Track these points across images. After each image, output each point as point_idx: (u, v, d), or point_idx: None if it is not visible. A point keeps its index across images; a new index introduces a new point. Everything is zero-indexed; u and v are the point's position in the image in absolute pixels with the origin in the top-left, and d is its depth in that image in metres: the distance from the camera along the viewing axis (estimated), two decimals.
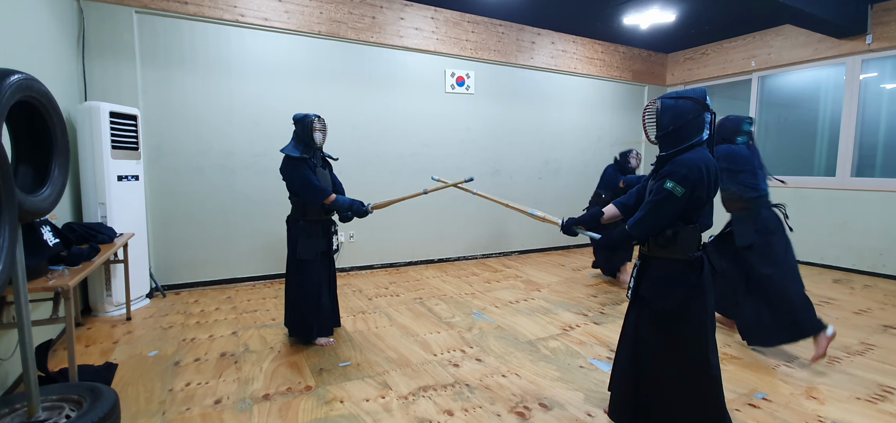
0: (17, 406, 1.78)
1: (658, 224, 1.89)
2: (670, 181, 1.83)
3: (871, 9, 5.22)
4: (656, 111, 1.95)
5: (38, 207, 1.75)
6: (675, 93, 1.94)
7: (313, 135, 3.00)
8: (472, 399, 2.45)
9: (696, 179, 1.82)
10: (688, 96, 1.90)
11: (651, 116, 1.98)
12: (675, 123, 1.89)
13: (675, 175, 1.83)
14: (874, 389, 2.60)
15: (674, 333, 1.92)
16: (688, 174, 1.82)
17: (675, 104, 1.90)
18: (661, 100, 1.94)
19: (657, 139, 1.96)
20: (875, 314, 3.94)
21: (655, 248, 1.96)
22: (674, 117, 1.90)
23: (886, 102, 5.36)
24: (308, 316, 3.05)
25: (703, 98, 1.90)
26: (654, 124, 1.96)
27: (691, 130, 1.88)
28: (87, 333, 3.36)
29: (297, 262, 3.04)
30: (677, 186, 1.82)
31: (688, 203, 1.85)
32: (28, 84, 1.64)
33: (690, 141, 1.88)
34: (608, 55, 6.98)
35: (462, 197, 5.99)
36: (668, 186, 1.83)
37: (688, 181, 1.81)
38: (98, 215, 3.59)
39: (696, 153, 1.86)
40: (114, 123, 3.63)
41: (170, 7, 4.23)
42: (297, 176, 2.97)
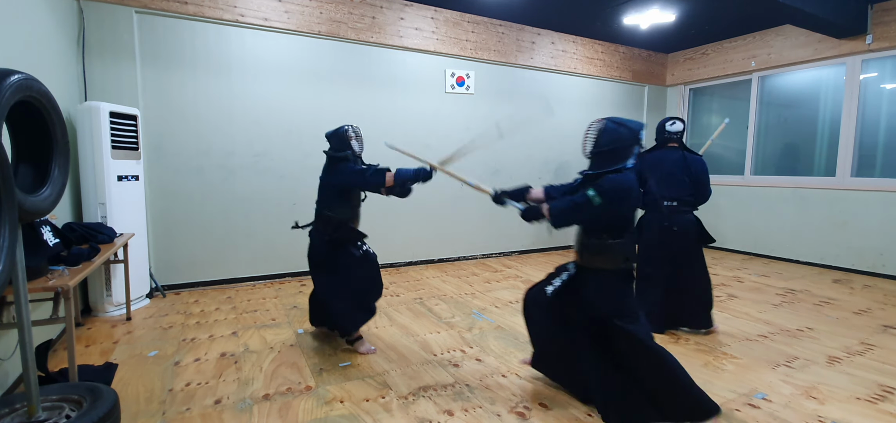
0: (17, 406, 1.78)
1: (571, 221, 2.23)
2: (592, 190, 2.09)
3: (871, 9, 5.22)
4: (598, 130, 2.20)
5: (38, 207, 1.75)
6: (618, 119, 2.21)
7: (351, 144, 2.92)
8: (472, 399, 2.45)
9: (615, 197, 2.08)
10: (628, 125, 2.18)
11: (592, 133, 2.23)
12: (611, 146, 2.15)
13: (598, 187, 2.10)
14: (874, 389, 2.60)
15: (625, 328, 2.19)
16: (609, 190, 2.08)
17: (615, 129, 2.16)
18: (607, 121, 2.20)
19: (591, 155, 2.22)
20: (875, 314, 3.94)
21: (589, 258, 2.26)
22: (611, 140, 2.15)
23: (886, 102, 5.36)
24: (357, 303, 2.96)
25: (638, 131, 2.18)
26: (594, 140, 2.21)
27: (622, 156, 2.14)
28: (87, 333, 3.36)
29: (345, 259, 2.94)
30: (597, 196, 2.08)
31: (608, 216, 2.12)
32: (28, 84, 1.64)
33: (617, 165, 2.13)
34: (608, 55, 6.98)
35: (462, 197, 5.99)
36: (590, 193, 2.09)
37: (606, 195, 2.07)
38: (98, 215, 3.59)
39: (623, 175, 2.12)
40: (114, 123, 3.63)
41: (170, 7, 4.23)
42: (349, 172, 2.87)
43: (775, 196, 6.23)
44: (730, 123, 4.87)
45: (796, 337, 3.37)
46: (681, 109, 7.58)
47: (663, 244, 3.30)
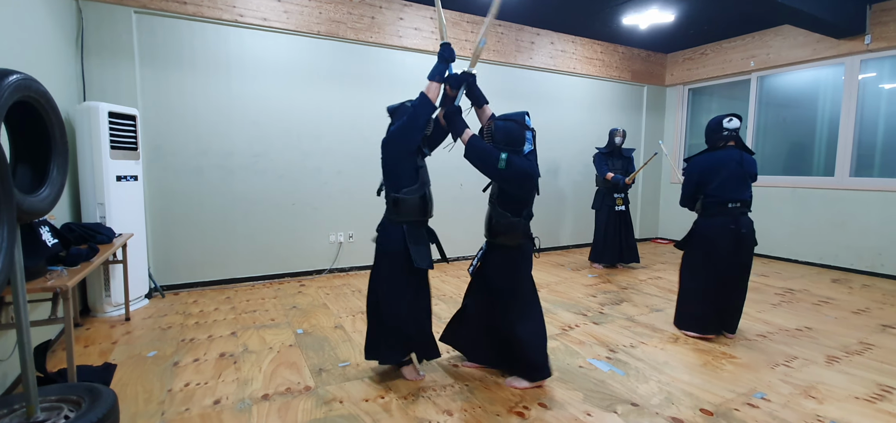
0: (15, 407, 1.77)
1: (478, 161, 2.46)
2: (505, 154, 2.38)
3: (870, 9, 5.23)
4: (491, 131, 2.52)
5: (36, 207, 1.75)
6: (504, 116, 2.56)
7: None
8: (471, 399, 2.44)
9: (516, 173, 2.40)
10: (513, 119, 2.52)
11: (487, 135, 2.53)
12: (505, 138, 2.47)
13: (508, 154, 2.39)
14: (873, 388, 2.61)
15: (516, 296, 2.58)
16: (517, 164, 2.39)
17: (504, 125, 2.50)
18: (495, 121, 2.55)
19: None
20: (874, 314, 3.94)
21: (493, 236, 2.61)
22: (504, 134, 2.48)
23: (885, 102, 5.37)
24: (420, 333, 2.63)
25: (522, 120, 2.52)
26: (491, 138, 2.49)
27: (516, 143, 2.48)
28: (86, 333, 3.36)
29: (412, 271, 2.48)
30: (504, 160, 2.37)
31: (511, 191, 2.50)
32: (26, 84, 1.63)
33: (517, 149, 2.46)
34: (607, 55, 6.99)
35: (461, 198, 5.99)
36: (503, 155, 2.38)
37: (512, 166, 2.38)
38: (97, 216, 3.58)
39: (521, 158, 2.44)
40: (112, 123, 3.62)
41: (169, 7, 4.22)
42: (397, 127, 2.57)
43: (774, 196, 6.24)
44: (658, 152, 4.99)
45: (795, 337, 3.38)
46: (680, 110, 7.59)
47: (736, 250, 3.17)
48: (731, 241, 3.16)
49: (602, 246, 5.59)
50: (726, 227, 3.16)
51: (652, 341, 3.28)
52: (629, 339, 3.31)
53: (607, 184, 5.48)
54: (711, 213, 3.23)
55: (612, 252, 5.56)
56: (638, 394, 2.51)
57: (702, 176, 3.24)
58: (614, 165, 5.55)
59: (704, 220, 3.28)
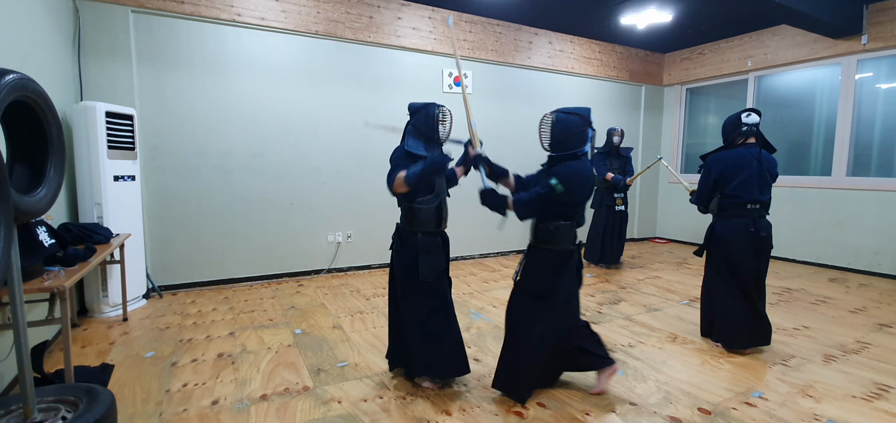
0: (12, 408, 1.77)
1: (537, 210, 2.32)
2: (555, 179, 2.21)
3: (867, 9, 5.25)
4: (551, 122, 2.33)
5: (33, 207, 1.74)
6: (566, 109, 2.35)
7: (437, 128, 2.52)
8: (469, 399, 2.45)
9: (576, 184, 2.22)
10: (577, 113, 2.32)
11: (545, 127, 2.35)
12: (564, 134, 2.30)
13: (560, 175, 2.22)
14: (870, 387, 2.62)
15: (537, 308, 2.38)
16: (570, 177, 2.21)
17: (565, 118, 2.31)
18: (556, 113, 2.34)
19: (549, 147, 2.36)
20: (871, 313, 3.96)
21: (538, 240, 2.40)
22: (563, 129, 2.30)
23: (881, 101, 5.39)
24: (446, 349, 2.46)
25: (587, 115, 2.32)
26: (548, 134, 2.34)
27: (576, 141, 2.30)
28: (84, 334, 3.35)
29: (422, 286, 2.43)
30: (559, 184, 2.20)
31: (566, 202, 2.24)
32: (23, 84, 1.63)
33: (575, 150, 2.30)
34: (605, 55, 7.00)
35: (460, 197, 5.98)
36: (553, 182, 2.21)
37: (568, 183, 2.20)
38: (94, 216, 3.57)
39: (580, 162, 2.28)
40: (110, 122, 3.61)
41: (166, 6, 4.21)
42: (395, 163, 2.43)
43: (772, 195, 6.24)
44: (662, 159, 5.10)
45: (792, 336, 3.39)
46: (678, 109, 7.61)
47: (755, 254, 3.00)
48: (750, 244, 2.98)
49: (599, 246, 5.60)
50: (745, 229, 2.97)
51: (650, 340, 3.29)
52: (627, 338, 3.32)
53: (607, 184, 5.48)
54: (729, 214, 3.03)
55: (611, 252, 5.57)
56: (636, 393, 2.51)
57: (721, 175, 3.02)
58: (612, 164, 5.56)
59: (722, 222, 3.08)
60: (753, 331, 3.03)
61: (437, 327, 2.46)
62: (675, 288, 4.71)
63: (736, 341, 3.06)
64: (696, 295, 4.40)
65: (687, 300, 4.28)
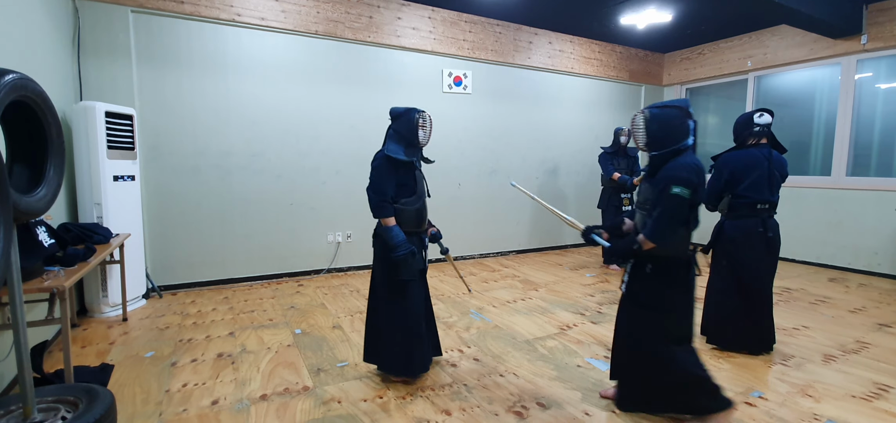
0: (12, 408, 1.77)
1: (674, 228, 2.04)
2: (676, 186, 1.98)
3: (866, 9, 5.25)
4: (645, 119, 2.15)
5: (33, 207, 1.74)
6: (661, 103, 2.16)
7: (418, 132, 2.57)
8: (469, 399, 2.45)
9: (697, 182, 2.00)
10: (674, 105, 2.12)
11: (640, 124, 2.17)
12: (662, 129, 2.10)
13: (679, 179, 1.98)
14: (870, 387, 2.62)
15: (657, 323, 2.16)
16: (690, 177, 1.99)
17: (661, 113, 2.12)
18: (649, 109, 2.14)
19: (646, 146, 2.16)
20: (870, 313, 3.96)
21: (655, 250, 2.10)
22: (661, 124, 2.10)
23: (881, 101, 5.39)
24: (414, 348, 2.57)
25: (687, 107, 2.12)
26: (643, 132, 2.16)
27: (677, 135, 2.09)
28: (83, 334, 3.35)
29: (396, 284, 2.55)
30: (684, 188, 1.97)
31: (694, 203, 2.03)
32: (23, 84, 1.63)
33: (677, 145, 2.08)
34: (605, 55, 7.00)
35: (459, 197, 5.99)
36: (676, 190, 1.98)
37: (691, 183, 1.99)
38: (94, 216, 3.57)
39: (690, 157, 2.06)
40: (109, 122, 3.61)
41: (166, 6, 4.21)
42: (380, 179, 2.50)
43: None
44: None
45: (792, 336, 3.39)
46: None
47: (764, 254, 2.99)
48: (760, 243, 2.97)
49: None
50: (755, 229, 2.97)
51: None
52: None
53: (614, 184, 5.48)
54: (739, 214, 3.01)
55: None
56: None
57: (732, 175, 3.01)
58: (619, 164, 5.56)
59: (731, 221, 3.05)
60: (745, 334, 3.02)
61: (412, 325, 2.57)
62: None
63: (727, 343, 3.08)
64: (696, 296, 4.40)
65: None
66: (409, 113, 2.59)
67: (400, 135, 2.59)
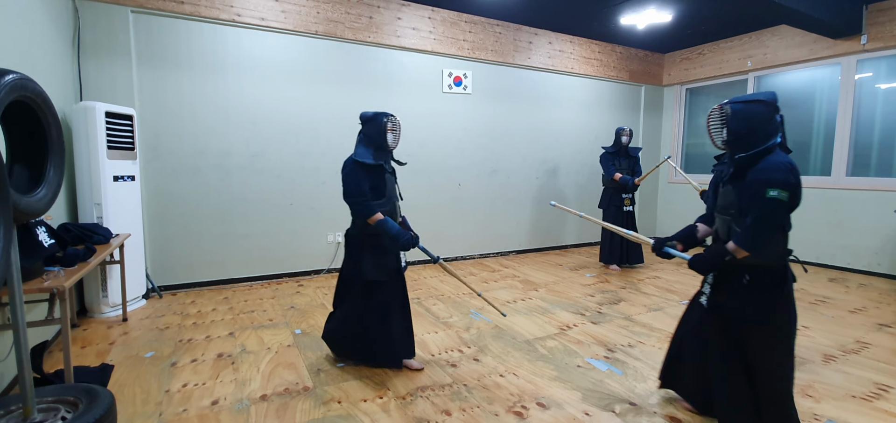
0: (12, 408, 1.77)
1: (770, 235, 1.86)
2: (773, 189, 1.79)
3: (866, 9, 5.25)
4: (725, 115, 1.93)
5: (33, 207, 1.74)
6: (744, 97, 1.94)
7: (386, 136, 2.65)
8: (469, 399, 2.45)
9: (795, 183, 1.81)
10: (759, 100, 1.91)
11: (719, 121, 1.96)
12: (747, 126, 1.88)
13: (775, 182, 1.79)
14: (870, 387, 2.62)
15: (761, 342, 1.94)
16: (787, 178, 1.79)
17: (745, 108, 1.90)
18: (730, 104, 1.94)
19: (727, 145, 1.95)
20: (870, 313, 3.96)
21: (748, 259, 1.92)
22: (745, 120, 1.89)
23: (881, 101, 5.39)
24: (376, 343, 2.70)
25: (774, 101, 1.90)
26: (725, 128, 1.94)
27: (765, 133, 1.88)
28: (83, 334, 3.35)
29: (368, 283, 2.66)
30: (781, 191, 1.79)
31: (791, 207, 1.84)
32: (23, 84, 1.63)
33: (765, 144, 1.87)
34: (605, 55, 7.00)
35: (459, 197, 5.99)
36: (773, 194, 1.79)
37: (788, 185, 1.80)
38: (94, 216, 3.57)
39: (779, 156, 1.85)
40: (109, 123, 3.61)
41: (166, 6, 4.21)
42: (355, 183, 2.59)
43: None
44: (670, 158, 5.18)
45: None
46: (677, 110, 7.61)
47: None
48: None
49: (609, 247, 5.60)
50: None
51: (650, 340, 3.29)
52: (627, 338, 3.32)
53: (615, 184, 5.48)
54: None
55: (620, 252, 5.57)
56: (636, 393, 2.52)
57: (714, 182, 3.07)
58: (621, 164, 5.56)
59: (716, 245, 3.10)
60: None
61: (380, 322, 2.69)
62: (675, 288, 4.71)
63: None
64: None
65: (686, 300, 4.28)
66: (377, 117, 2.67)
67: (369, 139, 2.69)
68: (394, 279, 2.74)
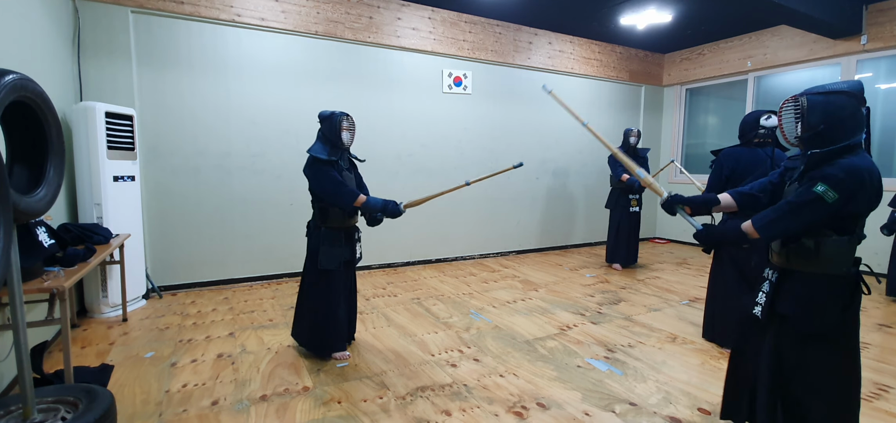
0: (12, 409, 1.77)
1: (793, 228, 1.66)
2: (823, 184, 1.58)
3: (866, 9, 5.25)
4: (801, 108, 1.67)
5: (33, 207, 1.74)
6: (824, 87, 1.68)
7: (341, 134, 2.80)
8: (469, 399, 2.45)
9: (854, 188, 1.57)
10: (842, 90, 1.64)
11: (794, 113, 1.70)
12: (827, 121, 1.62)
13: (831, 179, 1.57)
14: (870, 387, 2.62)
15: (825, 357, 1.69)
16: (845, 180, 1.56)
17: (825, 100, 1.64)
18: (808, 95, 1.68)
19: (802, 141, 1.70)
20: (870, 313, 3.96)
21: (796, 260, 1.72)
22: (825, 114, 1.63)
23: (881, 102, 5.39)
24: (326, 330, 2.88)
25: (860, 92, 1.65)
26: (800, 122, 1.68)
27: (847, 129, 1.62)
28: (83, 334, 3.35)
29: (319, 272, 2.85)
30: (830, 190, 1.57)
31: (840, 213, 1.61)
32: (23, 84, 1.63)
33: (848, 141, 1.62)
34: (605, 55, 7.00)
35: (460, 197, 5.98)
36: (819, 189, 1.58)
37: (844, 188, 1.56)
38: (94, 216, 3.57)
39: (859, 158, 1.62)
40: (109, 123, 3.61)
41: (166, 7, 4.21)
42: (325, 177, 2.75)
43: None
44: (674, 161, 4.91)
45: None
46: (677, 110, 7.61)
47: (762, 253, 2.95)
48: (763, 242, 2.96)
49: (614, 245, 5.61)
50: None
51: (650, 340, 3.29)
52: (627, 338, 3.32)
53: (622, 185, 5.48)
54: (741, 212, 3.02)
55: (626, 252, 5.58)
56: (636, 393, 2.52)
57: (733, 171, 2.95)
58: None
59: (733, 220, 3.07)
60: None
61: (326, 309, 2.86)
62: (675, 288, 4.71)
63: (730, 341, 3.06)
64: (696, 295, 4.40)
65: (687, 301, 4.28)
66: (332, 116, 2.82)
67: (325, 137, 2.85)
68: (344, 269, 2.94)
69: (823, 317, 1.67)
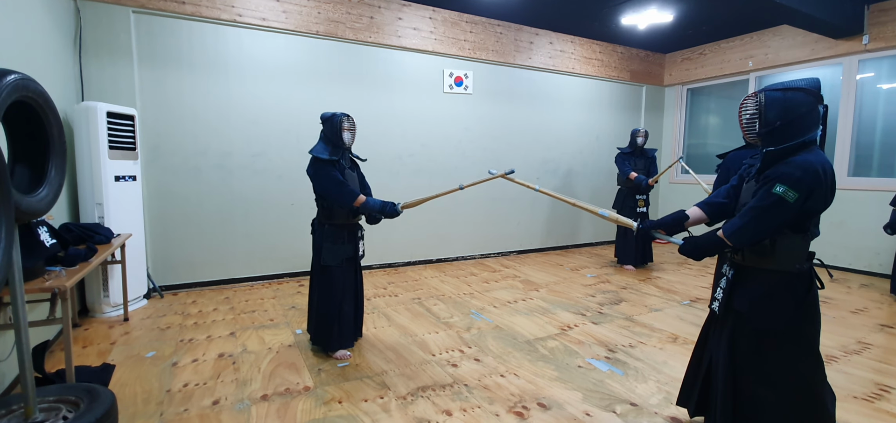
0: (13, 408, 1.77)
1: (762, 233, 1.68)
2: (781, 185, 1.61)
3: (868, 9, 5.24)
4: (759, 105, 1.72)
5: (34, 207, 1.74)
6: (783, 84, 1.72)
7: (342, 135, 2.87)
8: (470, 399, 2.45)
9: (811, 184, 1.60)
10: (799, 87, 1.69)
11: (751, 110, 1.75)
12: (785, 118, 1.66)
13: (788, 178, 1.61)
14: (871, 388, 2.61)
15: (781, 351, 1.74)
16: (802, 178, 1.59)
17: (783, 97, 1.68)
18: (766, 92, 1.72)
19: (760, 137, 1.74)
20: (872, 314, 3.95)
21: (752, 257, 1.77)
22: (783, 111, 1.67)
23: (883, 101, 5.38)
24: (330, 325, 2.92)
25: (817, 89, 1.68)
26: (757, 120, 1.73)
27: (804, 126, 1.66)
28: (85, 334, 3.35)
29: (322, 268, 2.92)
30: (790, 190, 1.60)
31: (799, 211, 1.63)
32: (24, 84, 1.63)
33: (803, 138, 1.66)
34: (606, 55, 6.99)
35: (460, 198, 5.98)
36: (779, 190, 1.61)
37: (802, 185, 1.59)
38: (95, 216, 3.58)
39: (812, 154, 1.65)
40: (111, 123, 3.61)
41: (167, 7, 4.22)
42: (326, 178, 2.83)
43: None
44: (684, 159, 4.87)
45: None
46: (679, 110, 7.60)
47: None
48: None
49: (623, 246, 5.60)
50: None
51: (651, 340, 3.29)
52: (628, 339, 3.32)
53: (629, 184, 5.47)
54: None
55: (636, 253, 5.57)
56: (637, 394, 2.51)
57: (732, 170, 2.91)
58: (636, 164, 5.56)
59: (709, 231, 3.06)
60: None
61: (331, 304, 2.90)
62: (676, 289, 4.71)
63: None
64: (697, 296, 4.40)
65: (688, 301, 4.27)
66: (333, 117, 2.88)
67: (326, 137, 2.92)
68: (346, 266, 2.97)
69: (778, 313, 1.73)
